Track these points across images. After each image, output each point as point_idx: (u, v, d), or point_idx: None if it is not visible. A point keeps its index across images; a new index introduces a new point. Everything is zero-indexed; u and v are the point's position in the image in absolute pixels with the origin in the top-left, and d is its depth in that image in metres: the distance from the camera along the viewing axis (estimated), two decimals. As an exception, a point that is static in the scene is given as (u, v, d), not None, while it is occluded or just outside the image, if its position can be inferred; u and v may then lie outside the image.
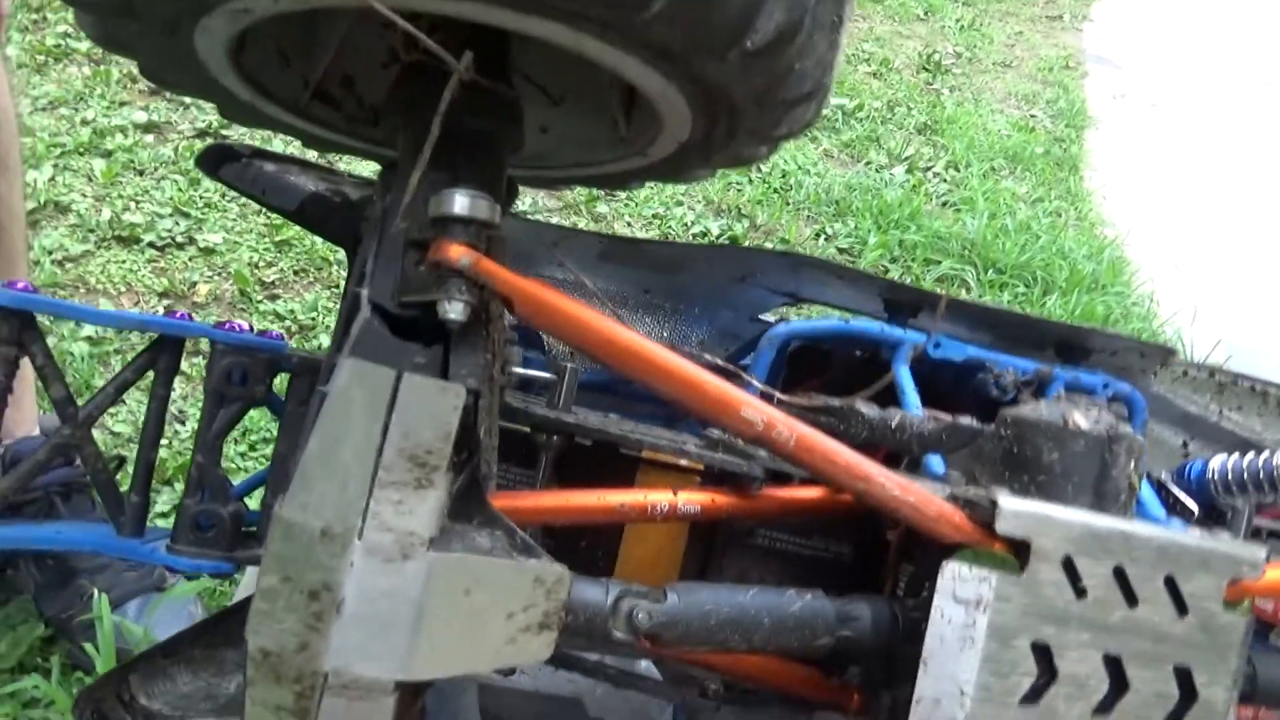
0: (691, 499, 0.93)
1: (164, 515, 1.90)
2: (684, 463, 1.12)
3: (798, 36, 0.66)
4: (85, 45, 3.60)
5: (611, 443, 1.01)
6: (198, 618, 1.55)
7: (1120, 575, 0.82)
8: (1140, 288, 3.92)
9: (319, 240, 2.94)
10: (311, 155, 2.35)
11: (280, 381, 1.11)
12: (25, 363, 1.03)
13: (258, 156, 1.09)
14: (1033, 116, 5.28)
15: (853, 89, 4.96)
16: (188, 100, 3.45)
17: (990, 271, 3.68)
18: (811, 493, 0.97)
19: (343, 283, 2.95)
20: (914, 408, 1.09)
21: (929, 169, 4.58)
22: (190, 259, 2.84)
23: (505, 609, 0.73)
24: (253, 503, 1.19)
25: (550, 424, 0.98)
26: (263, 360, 1.06)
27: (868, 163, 4.48)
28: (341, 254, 2.98)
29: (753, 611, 0.83)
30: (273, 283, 2.84)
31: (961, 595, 0.82)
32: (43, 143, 3.02)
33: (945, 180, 4.52)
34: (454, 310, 0.67)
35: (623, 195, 3.76)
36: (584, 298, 1.41)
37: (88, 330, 2.46)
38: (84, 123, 3.23)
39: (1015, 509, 0.82)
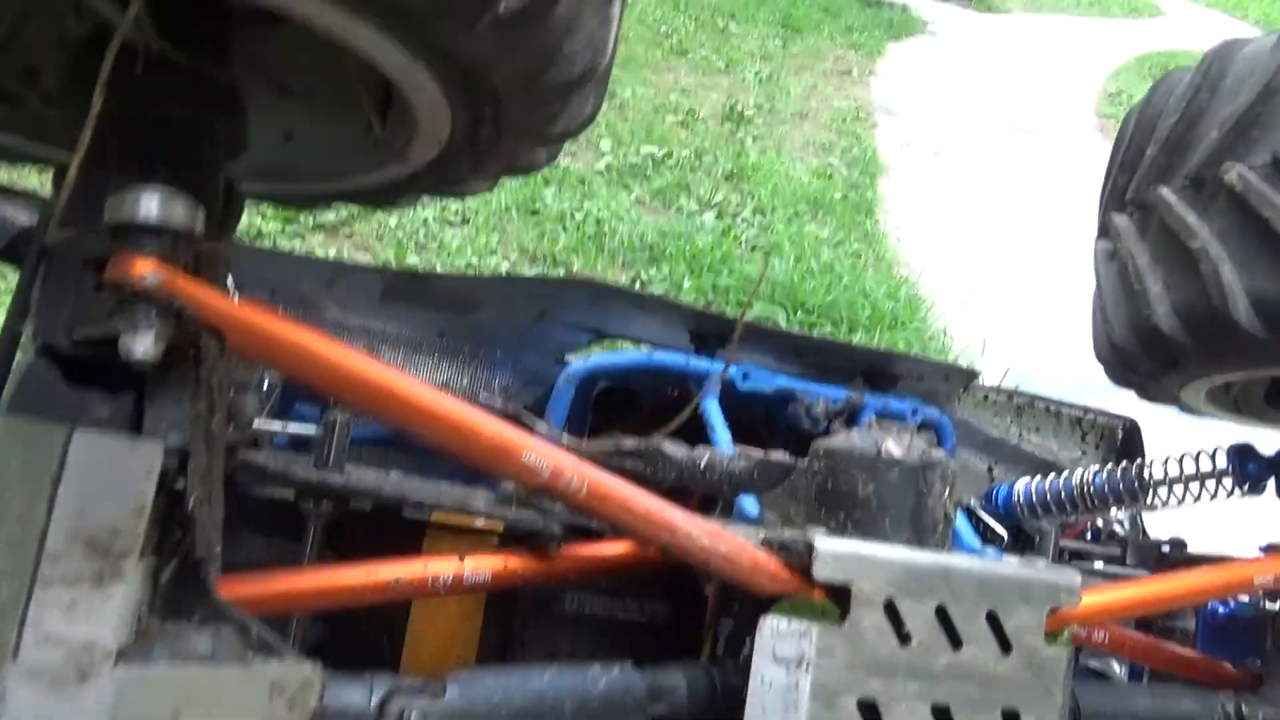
0: (480, 565, 0.80)
1: None
2: (480, 524, 0.99)
3: (559, 4, 0.56)
4: None
5: (390, 506, 0.87)
6: None
7: (943, 615, 0.76)
8: (935, 323, 4.14)
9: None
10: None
11: None
12: None
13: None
14: (830, 164, 5.55)
15: (661, 138, 5.04)
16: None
17: (800, 312, 3.78)
18: (617, 548, 0.87)
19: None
20: (724, 444, 1.02)
21: (737, 214, 4.70)
22: None
23: (236, 729, 0.58)
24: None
25: (314, 488, 0.83)
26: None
27: (679, 209, 4.54)
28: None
29: (551, 697, 0.71)
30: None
31: (781, 653, 0.73)
32: None
33: (753, 225, 4.64)
34: (141, 346, 0.52)
35: (433, 244, 3.61)
36: (366, 342, 1.26)
37: None
38: None
39: (833, 551, 0.74)
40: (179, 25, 0.61)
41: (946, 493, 0.85)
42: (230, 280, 0.70)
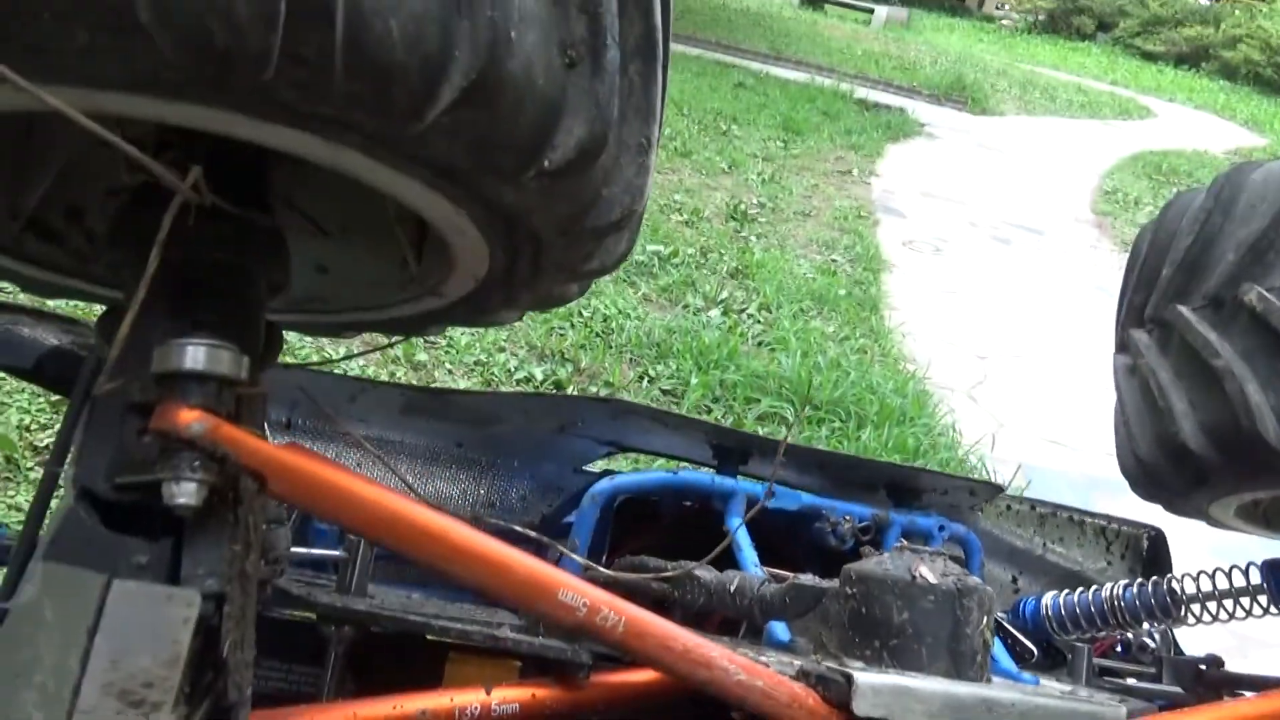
0: (508, 697, 0.78)
1: None
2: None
3: (601, 157, 0.57)
4: None
5: (413, 631, 0.86)
6: None
7: (988, 751, 0.73)
8: (943, 418, 4.13)
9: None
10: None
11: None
12: None
13: (-27, 307, 0.90)
14: (833, 261, 5.63)
15: (667, 236, 5.12)
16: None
17: (807, 408, 3.78)
18: (645, 676, 0.85)
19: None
20: (751, 566, 1.00)
21: (743, 311, 4.74)
22: None
23: None
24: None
25: (338, 614, 0.81)
26: (-35, 555, 0.84)
27: (685, 306, 4.58)
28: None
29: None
30: (47, 447, 2.54)
31: (824, 796, 0.71)
32: None
33: (759, 321, 4.68)
34: (184, 493, 0.52)
35: (442, 341, 3.64)
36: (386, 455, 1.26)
37: None
38: None
39: (872, 684, 0.72)
40: (226, 175, 0.62)
41: (984, 620, 0.83)
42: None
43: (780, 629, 0.94)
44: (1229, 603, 1.15)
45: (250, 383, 0.57)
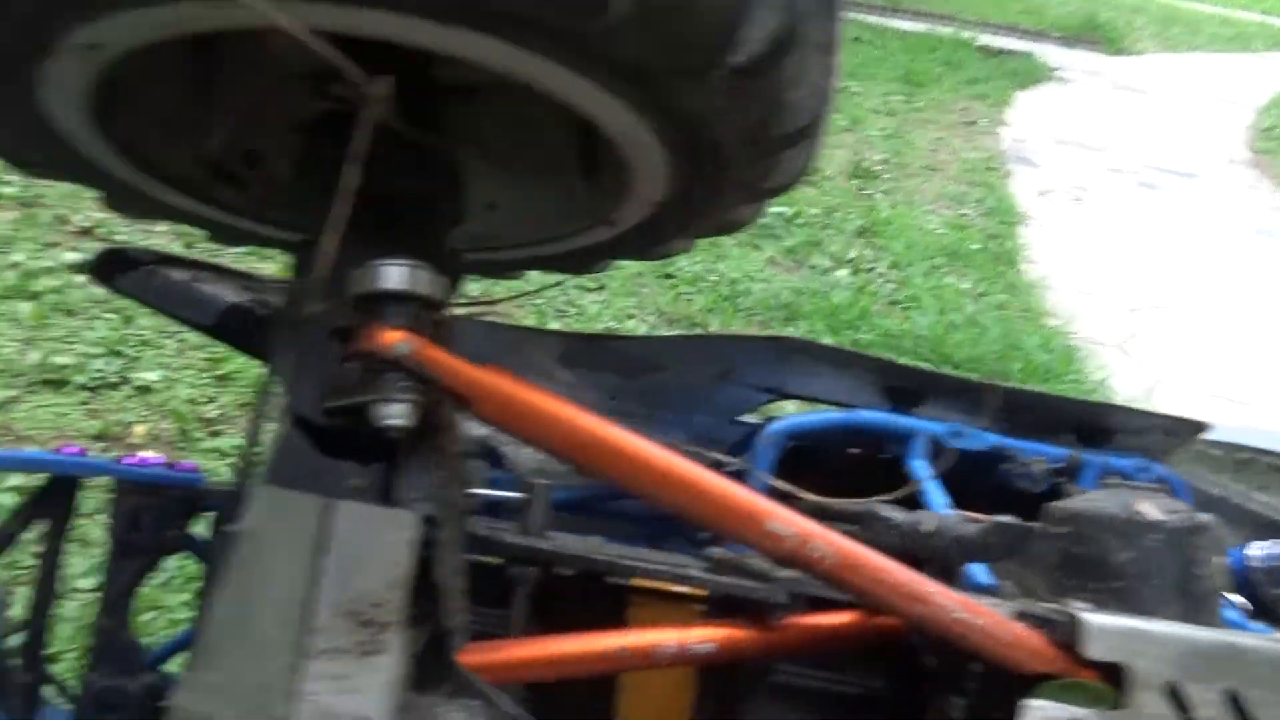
0: (704, 636, 0.76)
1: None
2: (682, 589, 0.96)
3: (790, 52, 0.53)
4: (14, 189, 3.55)
5: (596, 573, 0.85)
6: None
7: (1235, 702, 0.67)
8: (1094, 374, 3.91)
9: (263, 372, 2.83)
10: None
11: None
12: None
13: (163, 264, 0.93)
14: (964, 215, 5.40)
15: (790, 197, 5.01)
16: (121, 237, 3.36)
17: (946, 366, 3.64)
18: (843, 618, 0.81)
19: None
20: (939, 508, 0.95)
21: (872, 269, 4.60)
22: (125, 399, 2.70)
23: (489, 808, 0.55)
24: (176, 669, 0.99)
25: (525, 553, 0.81)
26: (175, 499, 0.88)
27: (812, 266, 4.48)
28: (288, 384, 2.83)
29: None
30: (214, 419, 2.70)
31: (1052, 740, 0.66)
32: None
33: (889, 280, 4.53)
34: (392, 415, 0.52)
35: (571, 309, 3.66)
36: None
37: (14, 480, 2.28)
38: (11, 266, 3.13)
39: (1103, 627, 0.67)
40: (406, 105, 0.61)
41: (1215, 562, 0.76)
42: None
43: (980, 571, 0.88)
44: None
45: (445, 306, 0.56)
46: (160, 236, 3.46)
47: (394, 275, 0.53)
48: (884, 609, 0.65)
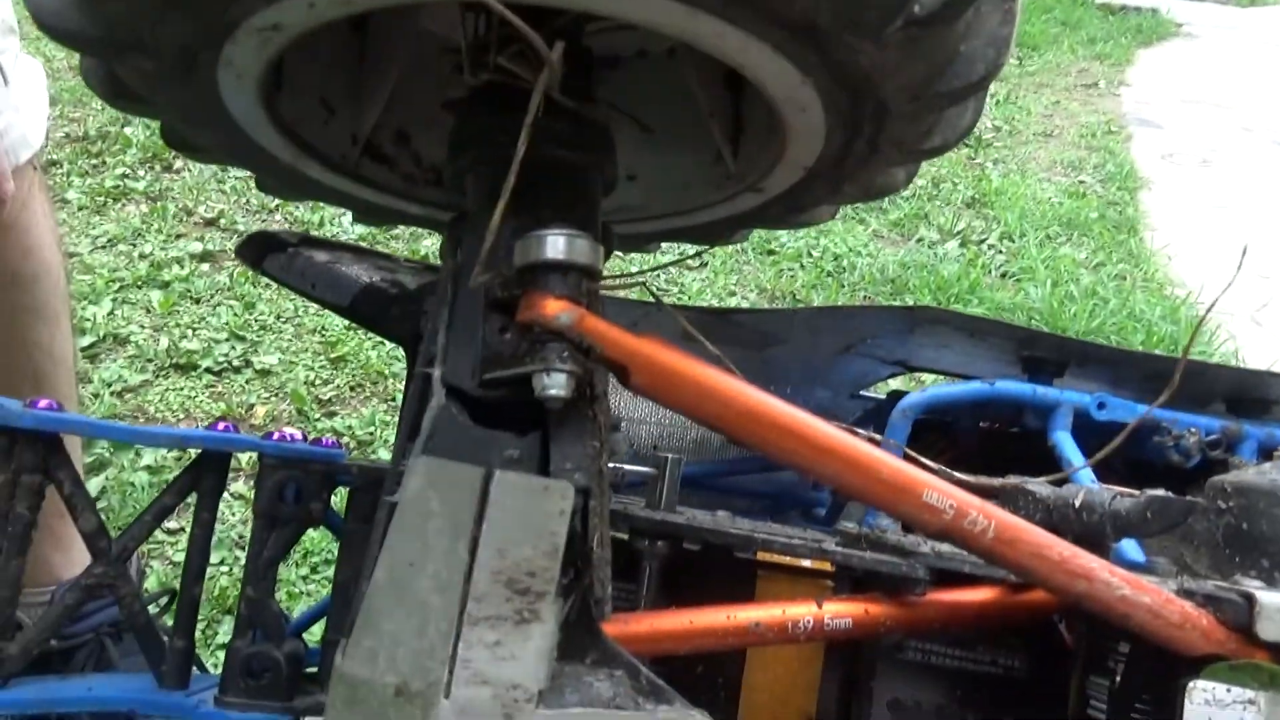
0: (840, 611, 0.75)
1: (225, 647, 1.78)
2: (809, 565, 0.94)
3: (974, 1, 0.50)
4: (142, 184, 3.76)
5: (728, 547, 0.84)
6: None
7: None
8: (1222, 345, 3.70)
9: (375, 355, 2.94)
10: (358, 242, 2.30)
11: (339, 498, 0.97)
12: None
13: (306, 245, 0.96)
14: (1082, 182, 5.17)
15: (894, 168, 4.88)
16: (241, 227, 3.51)
17: (1064, 340, 3.49)
18: (983, 595, 0.79)
19: (400, 395, 2.88)
20: (1085, 481, 0.91)
21: (982, 241, 4.45)
22: (247, 381, 2.85)
23: (639, 778, 0.55)
24: (313, 639, 1.03)
25: (657, 527, 0.81)
26: (318, 473, 0.91)
27: (919, 239, 4.36)
28: (399, 366, 2.93)
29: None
30: (329, 400, 2.82)
31: (1221, 724, 0.63)
32: (102, 279, 3.11)
33: (1001, 251, 4.38)
34: (555, 385, 0.52)
35: (673, 288, 3.66)
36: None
37: (148, 458, 2.42)
38: (141, 257, 3.34)
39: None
40: (564, 71, 0.61)
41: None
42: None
43: (1133, 549, 0.84)
44: None
45: (601, 276, 0.56)
46: (276, 225, 3.59)
47: (559, 245, 0.53)
48: (1042, 585, 0.63)
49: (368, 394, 2.88)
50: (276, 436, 0.93)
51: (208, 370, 2.82)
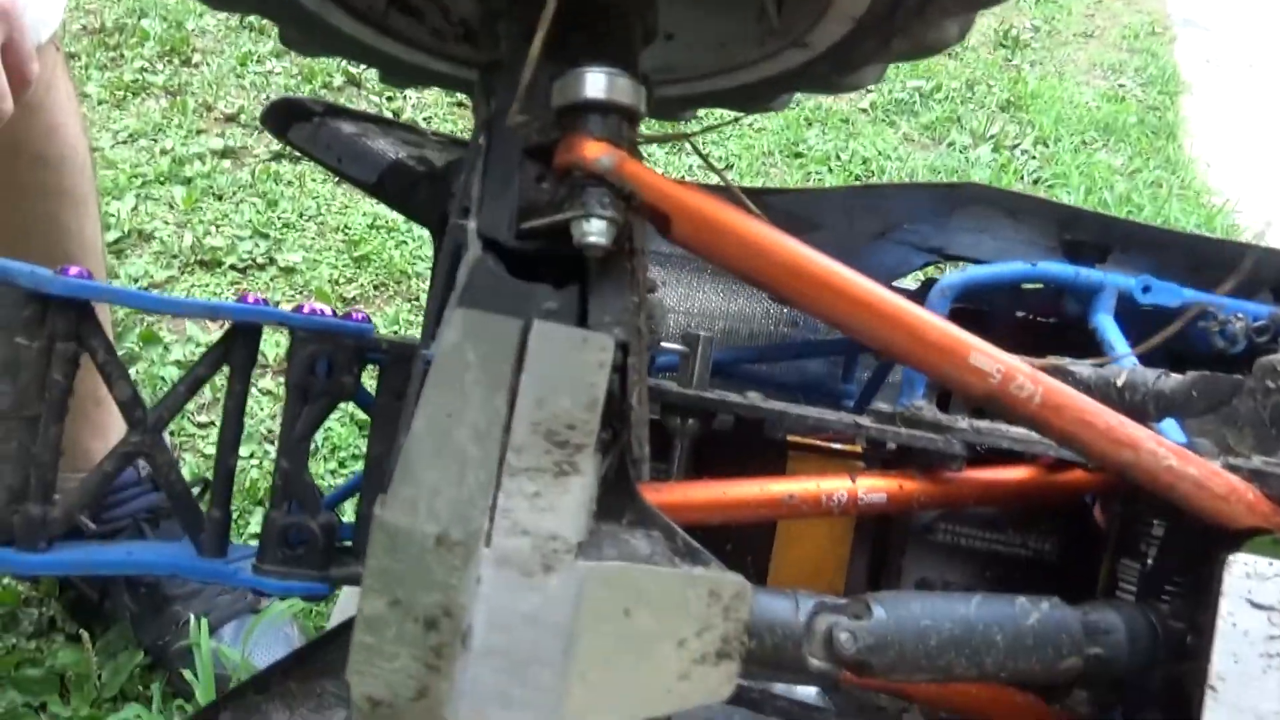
0: (875, 486, 0.75)
1: (257, 537, 1.83)
2: (837, 447, 0.94)
3: None
4: (161, 79, 3.70)
5: (761, 423, 0.83)
6: (295, 641, 1.46)
7: None
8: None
9: (398, 254, 2.93)
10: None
11: (369, 377, 0.97)
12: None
13: (332, 114, 0.93)
14: (1121, 86, 4.99)
15: (928, 70, 4.72)
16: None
17: (1095, 246, 3.43)
18: (1019, 473, 0.78)
19: (424, 296, 2.88)
20: (1132, 363, 0.89)
21: (1016, 146, 4.33)
22: (271, 279, 2.86)
23: (676, 634, 0.56)
24: (346, 515, 1.05)
25: (690, 403, 0.80)
26: (349, 347, 0.91)
27: (950, 144, 4.25)
28: (423, 266, 2.92)
29: (981, 628, 0.64)
30: (353, 299, 2.83)
31: (1261, 599, 0.62)
32: (124, 174, 3.10)
33: (1034, 157, 4.27)
34: (595, 231, 0.50)
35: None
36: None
37: (176, 354, 2.45)
38: (163, 152, 3.32)
39: (1328, 479, 0.62)
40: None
41: None
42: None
43: (1174, 429, 0.83)
44: None
45: (641, 120, 0.53)
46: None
47: (600, 83, 0.51)
48: (1086, 454, 0.62)
49: (391, 293, 2.88)
50: (307, 309, 0.93)
51: (232, 267, 2.83)
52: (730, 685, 0.57)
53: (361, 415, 2.27)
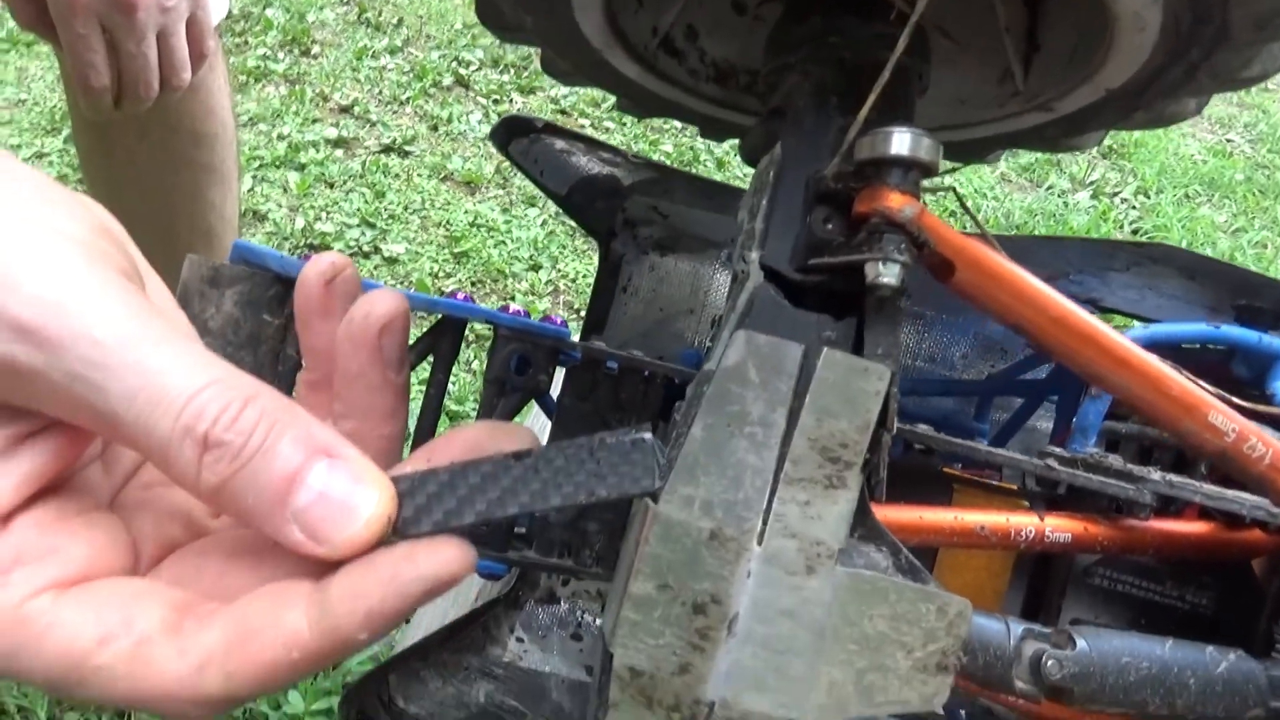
0: (1060, 526, 0.79)
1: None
2: (998, 484, 0.98)
3: None
4: (281, 67, 3.84)
5: (954, 456, 0.88)
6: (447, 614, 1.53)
7: None
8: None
9: (495, 254, 3.00)
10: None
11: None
12: None
13: (549, 132, 1.00)
14: (1229, 141, 4.92)
15: (1030, 109, 4.70)
16: (374, 117, 3.58)
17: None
18: (1198, 528, 0.82)
19: (518, 296, 2.96)
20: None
21: (1116, 194, 4.30)
22: (375, 267, 2.95)
23: (904, 642, 0.60)
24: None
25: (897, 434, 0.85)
26: (546, 348, 0.97)
27: (1049, 187, 4.23)
28: (518, 267, 3.00)
29: (1175, 669, 0.68)
30: (451, 293, 2.91)
31: None
32: (244, 156, 3.23)
33: (1135, 207, 4.23)
34: (889, 274, 0.56)
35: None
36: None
37: None
38: (280, 138, 3.44)
39: None
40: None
41: None
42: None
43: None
44: None
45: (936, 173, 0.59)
46: (407, 117, 3.64)
47: (905, 142, 0.56)
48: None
49: (488, 290, 2.96)
50: (513, 311, 0.99)
51: (340, 252, 2.96)
52: (944, 695, 0.62)
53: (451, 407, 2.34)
